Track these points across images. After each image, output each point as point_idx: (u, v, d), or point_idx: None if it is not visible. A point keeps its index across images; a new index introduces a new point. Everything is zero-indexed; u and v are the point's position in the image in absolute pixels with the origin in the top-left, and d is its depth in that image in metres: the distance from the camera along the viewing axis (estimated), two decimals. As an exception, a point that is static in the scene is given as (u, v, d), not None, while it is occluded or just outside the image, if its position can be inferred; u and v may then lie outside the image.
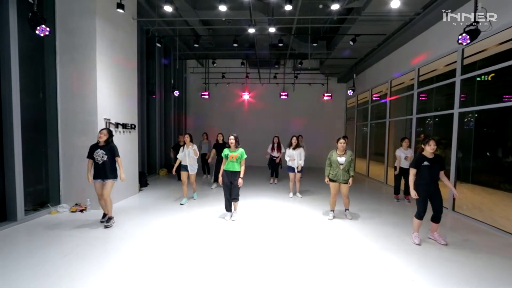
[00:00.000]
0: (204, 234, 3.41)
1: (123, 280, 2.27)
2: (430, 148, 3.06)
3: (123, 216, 4.08)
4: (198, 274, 2.40)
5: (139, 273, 2.40)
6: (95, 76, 4.31)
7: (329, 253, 2.90)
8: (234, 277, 2.36)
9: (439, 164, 3.09)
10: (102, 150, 3.57)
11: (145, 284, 2.23)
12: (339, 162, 3.93)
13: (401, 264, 2.68)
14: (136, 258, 2.70)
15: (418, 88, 5.82)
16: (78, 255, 2.73)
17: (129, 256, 2.73)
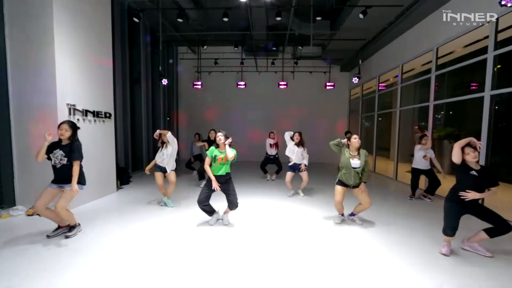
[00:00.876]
0: (189, 244, 2.69)
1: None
2: (470, 157, 2.41)
3: (89, 221, 3.36)
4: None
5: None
6: (53, 52, 3.55)
7: (340, 268, 2.19)
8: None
9: (488, 175, 2.42)
10: (61, 150, 2.74)
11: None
12: (352, 165, 3.11)
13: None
14: (95, 276, 1.99)
15: (437, 71, 5.08)
16: (21, 273, 2.05)
17: (84, 274, 2.03)
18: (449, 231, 2.51)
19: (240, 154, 9.20)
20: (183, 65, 10.01)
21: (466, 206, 2.46)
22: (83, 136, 4.07)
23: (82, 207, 3.98)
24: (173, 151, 3.98)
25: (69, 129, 2.77)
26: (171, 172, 3.99)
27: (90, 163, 4.26)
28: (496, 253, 2.54)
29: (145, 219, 3.45)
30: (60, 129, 2.75)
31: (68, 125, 2.79)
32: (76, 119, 3.96)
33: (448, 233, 2.51)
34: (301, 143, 4.69)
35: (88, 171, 4.17)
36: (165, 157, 3.95)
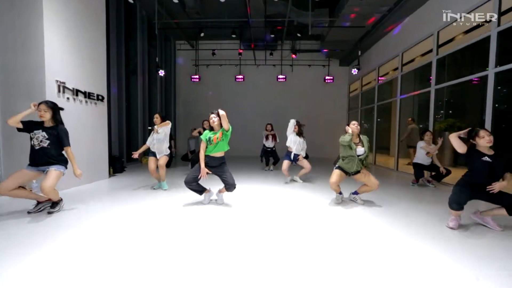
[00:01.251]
0: (180, 223, 2.50)
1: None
2: (485, 140, 2.23)
3: (76, 201, 3.19)
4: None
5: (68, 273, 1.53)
6: (42, 26, 3.43)
7: (344, 244, 2.03)
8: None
9: (502, 162, 2.23)
10: (44, 132, 2.57)
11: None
12: (357, 153, 2.98)
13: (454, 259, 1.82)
14: (74, 252, 1.81)
15: (437, 55, 4.97)
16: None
17: (62, 250, 1.84)
18: (455, 205, 2.32)
19: (238, 148, 9.14)
20: (181, 58, 9.91)
21: (477, 190, 2.28)
22: (73, 116, 3.96)
23: (70, 190, 3.81)
24: (164, 136, 3.83)
25: (48, 110, 2.58)
26: (161, 156, 3.85)
27: (81, 145, 4.12)
28: (507, 228, 2.38)
29: (137, 201, 3.26)
30: (39, 110, 2.56)
31: (47, 105, 2.59)
32: (66, 97, 3.82)
33: (454, 207, 2.33)
34: (301, 132, 4.54)
35: (78, 153, 4.02)
36: (155, 142, 3.82)
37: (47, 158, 2.58)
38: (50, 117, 2.61)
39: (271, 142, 5.94)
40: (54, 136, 2.61)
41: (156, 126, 3.82)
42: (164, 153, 3.87)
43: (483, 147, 2.27)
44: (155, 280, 1.28)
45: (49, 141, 2.57)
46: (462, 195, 2.30)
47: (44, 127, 2.60)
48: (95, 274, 1.48)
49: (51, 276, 1.46)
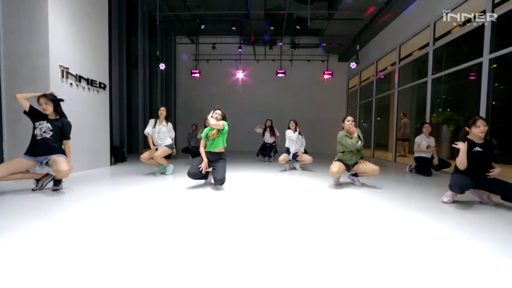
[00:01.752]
0: (181, 205, 2.52)
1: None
2: (480, 130, 2.25)
3: (78, 184, 3.25)
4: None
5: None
6: (46, 11, 3.49)
7: (344, 222, 2.10)
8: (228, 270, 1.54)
9: (492, 150, 2.30)
10: (49, 123, 2.64)
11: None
12: (357, 147, 3.09)
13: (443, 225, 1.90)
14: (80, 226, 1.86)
15: (434, 45, 5.07)
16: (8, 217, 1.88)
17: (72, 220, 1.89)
18: (456, 188, 2.26)
19: (238, 142, 9.21)
20: (181, 53, 9.97)
21: (476, 178, 2.28)
22: (76, 102, 4.03)
23: (74, 174, 3.86)
24: (167, 131, 3.82)
25: (48, 102, 2.63)
26: (161, 148, 3.75)
27: (83, 131, 4.18)
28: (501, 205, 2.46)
29: (138, 184, 3.29)
30: (40, 105, 2.62)
31: (46, 98, 2.63)
32: (69, 83, 3.89)
33: (455, 190, 2.28)
34: (297, 130, 4.54)
35: (80, 139, 4.11)
36: (156, 134, 3.76)
37: (47, 149, 2.62)
38: (53, 110, 2.66)
39: (270, 138, 5.88)
40: (58, 128, 2.67)
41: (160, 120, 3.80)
42: (166, 143, 3.80)
43: (476, 136, 2.31)
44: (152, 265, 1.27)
45: (52, 133, 2.63)
46: (465, 178, 2.27)
47: (49, 119, 2.68)
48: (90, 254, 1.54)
49: (43, 255, 1.52)
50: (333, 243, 1.46)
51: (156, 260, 1.22)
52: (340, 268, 1.19)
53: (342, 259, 1.28)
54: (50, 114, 2.67)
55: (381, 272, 1.15)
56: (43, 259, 1.22)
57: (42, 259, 1.21)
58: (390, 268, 1.19)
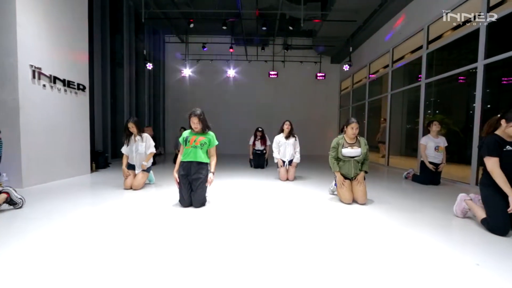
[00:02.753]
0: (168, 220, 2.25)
1: None
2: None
3: (53, 196, 2.93)
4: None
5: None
6: (14, 4, 3.15)
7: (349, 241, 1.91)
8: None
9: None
10: None
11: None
12: (350, 155, 2.74)
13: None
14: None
15: (427, 49, 5.01)
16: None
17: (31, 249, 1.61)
18: (499, 230, 1.84)
19: (229, 145, 8.96)
20: (174, 52, 9.61)
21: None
22: (50, 105, 3.69)
23: (46, 184, 3.53)
24: (146, 148, 3.33)
25: None
26: (139, 173, 3.28)
27: (58, 136, 3.86)
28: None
29: (118, 196, 3.05)
30: None
31: None
32: (42, 84, 3.55)
33: (498, 232, 1.86)
34: (292, 133, 4.17)
35: (55, 145, 3.78)
36: (134, 154, 3.29)
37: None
38: None
39: (261, 145, 5.59)
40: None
41: (134, 136, 3.30)
42: (140, 169, 3.31)
43: (506, 134, 1.92)
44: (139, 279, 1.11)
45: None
46: (500, 208, 1.85)
47: None
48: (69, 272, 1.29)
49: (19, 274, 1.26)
50: (327, 262, 1.27)
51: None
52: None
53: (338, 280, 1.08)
54: None
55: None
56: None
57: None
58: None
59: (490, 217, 1.95)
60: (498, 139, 1.94)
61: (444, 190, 3.61)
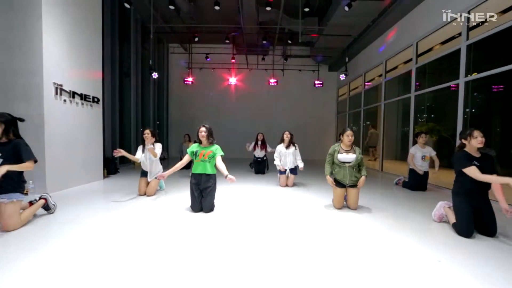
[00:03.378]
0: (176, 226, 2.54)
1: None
2: (477, 142, 2.19)
3: (73, 203, 3.26)
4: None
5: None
6: (41, 29, 3.50)
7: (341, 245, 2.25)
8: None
9: (490, 165, 2.20)
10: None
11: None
12: (345, 160, 2.95)
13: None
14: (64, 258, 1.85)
15: (416, 64, 5.39)
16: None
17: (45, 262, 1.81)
18: (464, 233, 2.19)
19: (230, 150, 9.29)
20: (178, 60, 9.98)
21: (474, 199, 2.25)
22: (70, 118, 4.03)
23: (66, 190, 3.85)
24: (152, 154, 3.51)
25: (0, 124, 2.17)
26: (152, 181, 3.56)
27: (77, 146, 4.19)
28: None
29: (136, 202, 3.38)
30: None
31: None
32: (63, 100, 3.89)
33: (463, 235, 2.21)
34: (291, 142, 4.42)
35: (73, 154, 4.12)
36: (147, 162, 3.54)
37: (4, 182, 2.14)
38: (2, 131, 2.18)
39: (261, 152, 5.76)
40: (10, 152, 2.17)
41: (147, 144, 3.49)
42: (154, 175, 3.59)
43: (473, 148, 2.24)
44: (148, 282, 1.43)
45: (2, 159, 2.15)
46: (467, 215, 2.20)
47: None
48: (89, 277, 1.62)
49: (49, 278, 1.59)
50: (319, 261, 1.61)
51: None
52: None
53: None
54: (0, 138, 2.21)
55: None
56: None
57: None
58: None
59: (458, 222, 2.31)
60: (467, 154, 2.27)
61: (430, 195, 3.96)
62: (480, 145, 2.22)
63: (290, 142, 4.47)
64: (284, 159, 4.46)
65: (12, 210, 2.20)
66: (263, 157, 5.86)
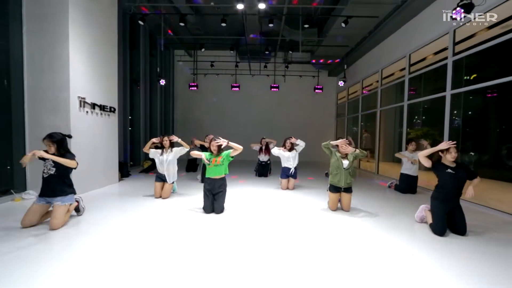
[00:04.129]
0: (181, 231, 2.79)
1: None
2: (451, 156, 2.57)
3: (94, 205, 3.67)
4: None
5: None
6: (68, 49, 3.91)
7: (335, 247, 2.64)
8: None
9: (464, 172, 2.61)
10: (51, 160, 2.58)
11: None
12: (344, 166, 3.31)
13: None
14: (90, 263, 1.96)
15: (410, 75, 5.76)
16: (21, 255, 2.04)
17: (80, 263, 1.94)
18: (438, 232, 2.60)
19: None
20: (183, 66, 10.38)
21: (449, 204, 2.63)
22: (91, 127, 4.45)
23: (88, 193, 4.27)
24: (174, 157, 3.94)
25: (51, 144, 2.57)
26: (169, 185, 3.90)
27: (97, 153, 4.60)
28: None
29: (152, 204, 3.76)
30: (45, 144, 2.61)
31: (51, 140, 2.57)
32: (85, 111, 4.30)
33: (437, 234, 2.60)
34: (293, 148, 4.86)
35: (94, 160, 4.53)
36: (165, 164, 3.88)
37: (54, 186, 2.57)
38: (55, 150, 2.61)
39: (265, 156, 6.10)
40: (61, 164, 2.55)
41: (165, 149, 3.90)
42: (173, 178, 3.95)
43: (448, 161, 2.62)
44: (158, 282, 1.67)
45: (55, 168, 2.56)
46: (441, 218, 2.59)
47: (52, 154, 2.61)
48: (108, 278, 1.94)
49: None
50: (313, 258, 2.00)
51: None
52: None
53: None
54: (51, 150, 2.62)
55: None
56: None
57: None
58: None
59: (434, 222, 2.70)
60: (442, 163, 2.69)
61: (418, 198, 4.34)
62: (453, 159, 2.60)
63: (292, 148, 4.88)
64: (286, 160, 4.82)
65: (63, 213, 2.58)
66: (267, 161, 6.25)
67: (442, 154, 2.68)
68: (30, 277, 1.71)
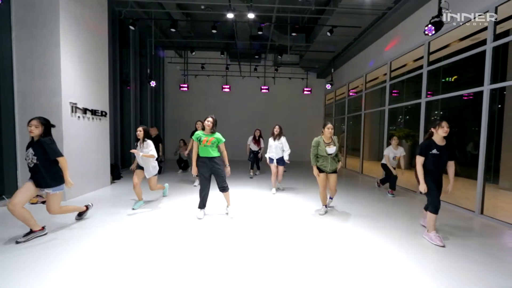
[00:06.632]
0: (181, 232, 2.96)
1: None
2: (443, 131, 2.59)
3: (95, 208, 3.76)
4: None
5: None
6: (59, 55, 3.95)
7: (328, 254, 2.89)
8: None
9: (448, 152, 2.68)
10: (32, 149, 2.52)
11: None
12: (328, 152, 3.44)
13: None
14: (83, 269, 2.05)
15: (390, 81, 6.13)
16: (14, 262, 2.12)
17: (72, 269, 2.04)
18: (432, 208, 2.62)
19: (227, 153, 9.86)
20: (170, 69, 10.38)
21: (435, 178, 2.69)
22: (83, 131, 4.51)
23: (80, 197, 4.34)
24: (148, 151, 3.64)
25: (39, 125, 2.52)
26: (150, 178, 3.79)
27: (90, 156, 4.67)
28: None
29: (144, 207, 3.91)
30: (30, 126, 2.50)
31: (39, 121, 2.53)
32: (77, 116, 4.35)
33: (432, 211, 2.64)
34: (280, 134, 4.86)
35: (87, 164, 4.60)
36: (139, 157, 3.69)
37: (41, 175, 2.53)
38: (41, 132, 2.53)
39: (256, 146, 6.67)
40: (39, 150, 2.49)
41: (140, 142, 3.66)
42: (152, 172, 3.76)
43: (439, 136, 2.64)
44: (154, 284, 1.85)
45: (36, 157, 2.49)
46: (437, 195, 2.64)
47: (32, 144, 2.54)
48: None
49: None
50: (304, 257, 2.25)
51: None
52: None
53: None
54: (35, 137, 2.54)
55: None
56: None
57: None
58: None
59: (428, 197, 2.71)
60: (429, 144, 2.67)
61: (398, 200, 4.71)
62: (445, 134, 2.60)
63: (280, 135, 4.89)
64: (274, 150, 4.89)
65: (54, 200, 2.70)
66: (258, 150, 6.69)
67: (434, 130, 2.68)
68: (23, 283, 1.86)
